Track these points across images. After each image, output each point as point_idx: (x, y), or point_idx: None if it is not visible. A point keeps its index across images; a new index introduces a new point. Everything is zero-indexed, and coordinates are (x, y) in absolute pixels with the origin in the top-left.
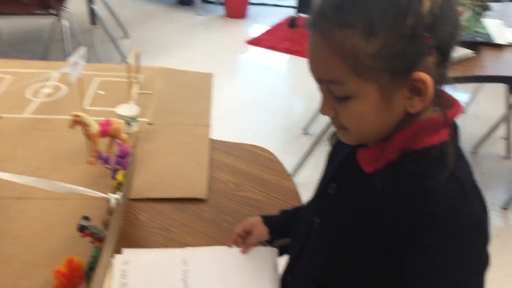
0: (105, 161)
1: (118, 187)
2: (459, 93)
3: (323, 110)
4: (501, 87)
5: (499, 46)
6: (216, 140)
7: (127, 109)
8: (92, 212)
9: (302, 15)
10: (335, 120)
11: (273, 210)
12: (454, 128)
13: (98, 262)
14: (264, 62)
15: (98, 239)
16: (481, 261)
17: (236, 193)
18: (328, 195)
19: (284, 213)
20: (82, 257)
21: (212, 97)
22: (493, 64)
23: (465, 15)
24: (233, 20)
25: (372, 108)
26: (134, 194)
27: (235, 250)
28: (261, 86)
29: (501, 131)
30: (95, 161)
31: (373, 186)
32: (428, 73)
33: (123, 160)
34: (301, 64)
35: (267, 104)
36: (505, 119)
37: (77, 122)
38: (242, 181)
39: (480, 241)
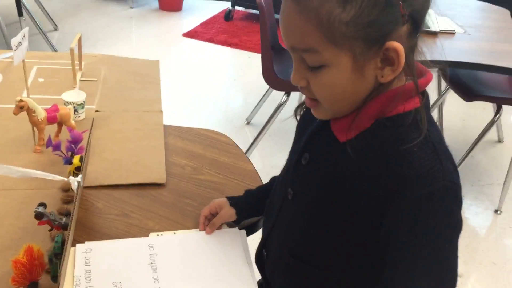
0: (56, 147)
1: (75, 172)
2: None
3: (295, 79)
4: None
5: (434, 34)
6: (169, 125)
7: (74, 95)
8: (38, 201)
9: (237, 8)
10: (306, 91)
11: (234, 192)
12: (424, 96)
13: (63, 248)
14: (202, 54)
15: (56, 226)
16: (456, 224)
17: (194, 177)
18: (301, 166)
19: (249, 193)
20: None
21: (160, 84)
22: (429, 50)
23: None
24: (168, 13)
25: (344, 77)
26: (89, 182)
27: (202, 233)
28: (200, 79)
29: (434, 114)
30: (43, 149)
31: (347, 154)
32: (400, 43)
33: (76, 146)
34: (239, 56)
35: (207, 96)
36: (436, 104)
37: (22, 108)
38: (199, 164)
39: (455, 203)
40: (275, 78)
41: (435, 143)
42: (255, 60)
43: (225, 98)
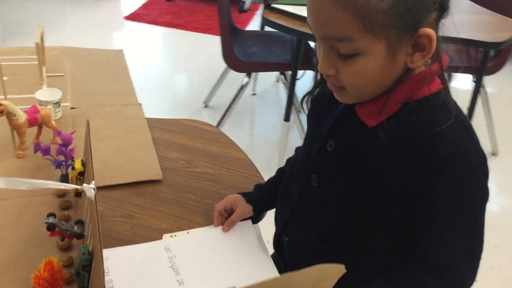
0: (46, 152)
1: (78, 177)
2: None
3: (323, 68)
4: None
5: None
6: (151, 118)
7: (48, 94)
8: (40, 210)
9: None
10: (333, 79)
11: (231, 182)
12: (443, 78)
13: (91, 258)
14: (147, 38)
15: (69, 236)
16: (486, 196)
17: (189, 170)
18: (326, 152)
19: (262, 188)
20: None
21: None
22: None
23: None
24: None
25: (377, 64)
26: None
27: (216, 230)
28: (148, 63)
29: None
30: (25, 153)
31: (376, 139)
32: (431, 29)
33: (66, 148)
34: (186, 37)
35: (158, 82)
36: None
37: (1, 112)
38: (191, 157)
39: (486, 177)
40: (236, 59)
41: (465, 122)
42: (203, 41)
43: (178, 82)
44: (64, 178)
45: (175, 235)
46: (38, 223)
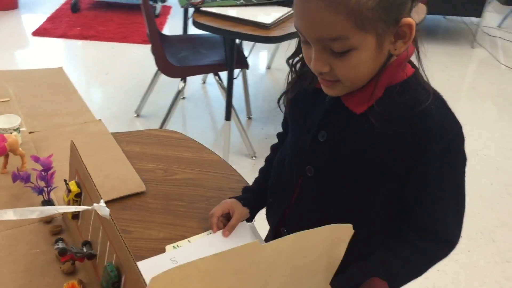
0: (27, 180)
1: (75, 199)
2: (262, 50)
3: (318, 67)
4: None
5: None
6: (114, 133)
7: (5, 120)
8: (31, 239)
9: None
10: (327, 75)
11: (213, 184)
12: (411, 62)
13: (119, 274)
14: (60, 53)
15: (80, 258)
16: (465, 160)
17: (169, 178)
18: (319, 143)
19: (253, 190)
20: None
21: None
22: None
23: None
24: (2, 12)
25: (369, 56)
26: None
27: (216, 235)
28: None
29: None
30: None
31: (366, 123)
32: (409, 17)
33: (47, 173)
34: (101, 48)
35: (82, 95)
36: None
37: None
38: (167, 165)
39: (463, 143)
40: (170, 66)
41: (441, 98)
42: (120, 50)
43: (103, 94)
44: (47, 203)
45: (177, 246)
46: (35, 252)
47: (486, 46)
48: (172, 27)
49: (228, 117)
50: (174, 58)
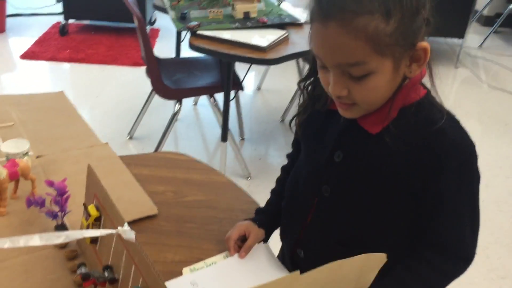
0: (42, 204)
1: (95, 223)
2: (252, 71)
3: (337, 91)
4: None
5: (300, 25)
6: (121, 156)
7: (14, 145)
8: (47, 265)
9: (71, 21)
10: (345, 98)
11: (224, 205)
12: (422, 84)
13: None
14: (50, 76)
15: (101, 282)
16: (479, 177)
17: (180, 200)
18: (335, 164)
19: (267, 212)
20: None
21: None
22: (302, 41)
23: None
24: None
25: (386, 79)
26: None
27: (234, 257)
28: None
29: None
30: (8, 209)
31: (381, 143)
32: (425, 41)
33: (62, 198)
34: (91, 71)
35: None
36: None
37: None
38: (177, 188)
39: (477, 161)
40: (166, 88)
41: (454, 117)
42: (110, 72)
43: (95, 117)
44: (61, 228)
45: (194, 268)
46: (52, 277)
47: (468, 66)
48: (161, 49)
49: (224, 138)
50: (169, 80)
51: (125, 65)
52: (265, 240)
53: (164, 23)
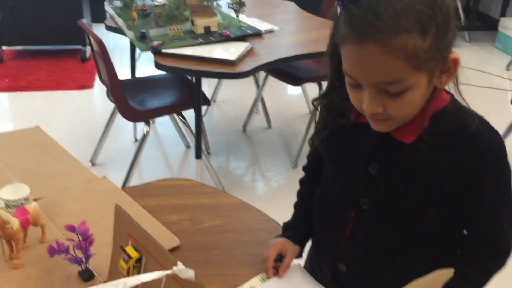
0: (66, 251)
1: (135, 265)
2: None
3: (372, 108)
4: None
5: (260, 35)
6: (123, 188)
7: (13, 192)
8: None
9: (4, 47)
10: (380, 115)
11: (243, 227)
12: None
13: None
14: None
15: None
16: (511, 171)
17: (198, 227)
18: (371, 176)
19: (297, 227)
20: None
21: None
22: (266, 51)
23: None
24: None
25: (422, 93)
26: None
27: (273, 279)
28: None
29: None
30: (22, 261)
31: (417, 152)
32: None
33: (86, 242)
34: (36, 98)
35: None
36: (258, 97)
37: None
38: (191, 215)
39: (507, 156)
40: (134, 111)
41: (482, 117)
42: (57, 98)
43: None
44: (87, 273)
45: None
46: None
47: None
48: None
49: (198, 156)
50: (133, 102)
51: (71, 89)
52: (300, 255)
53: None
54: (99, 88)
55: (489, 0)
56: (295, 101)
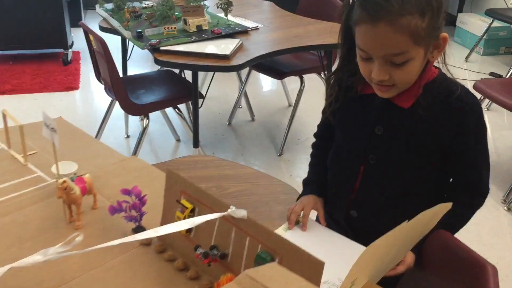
0: (124, 209)
1: (190, 214)
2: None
3: (381, 76)
4: None
5: (247, 32)
6: (152, 164)
7: (66, 167)
8: (146, 259)
9: None
10: (386, 81)
11: (264, 190)
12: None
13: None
14: None
15: (215, 259)
16: (486, 128)
17: (224, 193)
18: (376, 136)
19: (315, 181)
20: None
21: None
22: (254, 46)
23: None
24: None
25: (419, 64)
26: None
27: (293, 230)
28: None
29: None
30: (82, 223)
31: (414, 114)
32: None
33: (141, 201)
34: (22, 101)
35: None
36: (241, 92)
37: (66, 189)
38: (217, 183)
39: (483, 116)
40: (135, 106)
41: (464, 85)
42: (44, 100)
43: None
44: (140, 229)
45: None
46: (154, 269)
47: None
48: (88, 71)
49: (196, 144)
50: (132, 97)
51: (57, 91)
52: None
53: (82, 45)
54: (85, 89)
55: None
56: (275, 95)
